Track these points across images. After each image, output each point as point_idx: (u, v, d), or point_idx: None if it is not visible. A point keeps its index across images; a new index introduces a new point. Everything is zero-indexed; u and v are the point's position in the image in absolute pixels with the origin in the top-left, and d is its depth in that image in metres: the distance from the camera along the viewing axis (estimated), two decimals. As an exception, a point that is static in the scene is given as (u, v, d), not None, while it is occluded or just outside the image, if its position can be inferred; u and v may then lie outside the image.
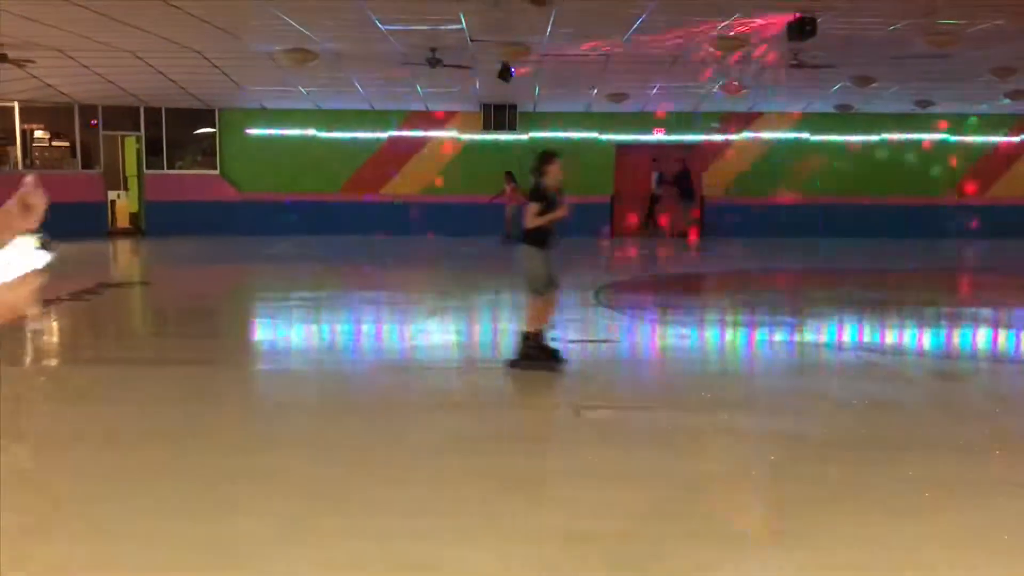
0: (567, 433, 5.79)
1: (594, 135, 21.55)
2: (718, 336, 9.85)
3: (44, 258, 1.51)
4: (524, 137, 21.28)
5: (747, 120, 21.70)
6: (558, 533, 4.06)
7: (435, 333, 9.52)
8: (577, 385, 7.23)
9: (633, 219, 21.87)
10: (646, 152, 21.83)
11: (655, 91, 19.01)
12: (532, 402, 6.69)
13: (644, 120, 21.40)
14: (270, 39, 14.22)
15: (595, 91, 18.90)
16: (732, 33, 13.10)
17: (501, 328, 10.15)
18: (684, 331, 9.99)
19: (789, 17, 11.76)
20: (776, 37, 13.03)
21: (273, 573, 3.68)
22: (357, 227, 20.96)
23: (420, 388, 7.16)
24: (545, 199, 7.44)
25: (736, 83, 17.37)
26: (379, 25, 12.93)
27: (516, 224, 18.41)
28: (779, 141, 21.94)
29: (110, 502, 4.42)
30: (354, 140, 21.46)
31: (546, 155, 7.74)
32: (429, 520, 4.21)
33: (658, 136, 21.71)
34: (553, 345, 7.66)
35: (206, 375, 7.45)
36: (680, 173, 21.22)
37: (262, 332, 10.14)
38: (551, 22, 12.66)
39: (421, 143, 21.61)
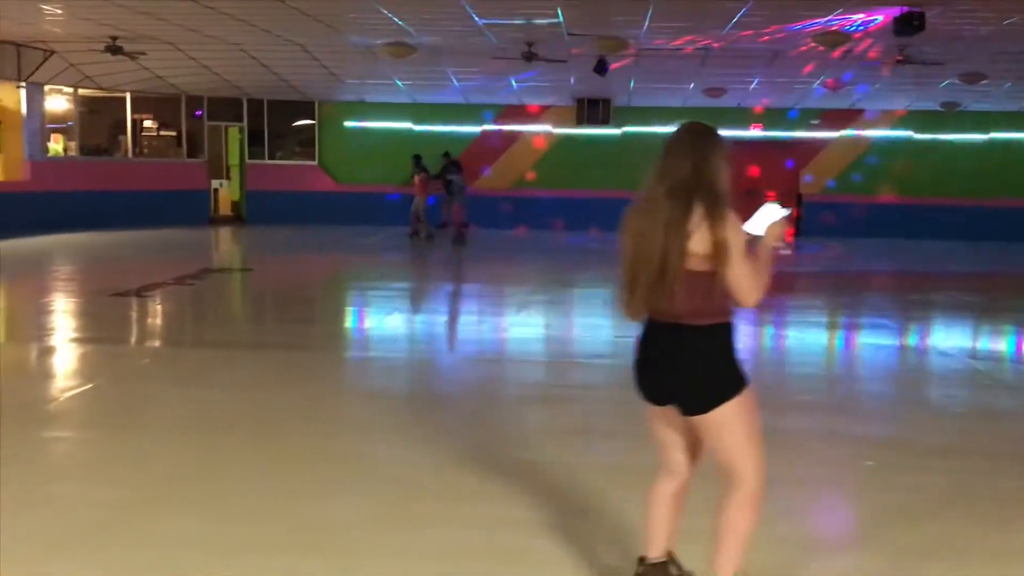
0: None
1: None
2: (815, 338, 9.63)
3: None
4: (617, 131, 21.18)
5: (848, 117, 21.12)
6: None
7: (522, 326, 9.56)
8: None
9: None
10: (744, 149, 21.44)
11: (754, 86, 18.67)
12: (624, 397, 6.65)
13: (742, 116, 21.04)
14: (369, 33, 14.48)
15: (692, 85, 18.66)
16: (835, 28, 12.77)
17: (590, 323, 10.14)
18: (779, 332, 9.81)
19: (896, 11, 11.41)
20: (882, 32, 12.65)
21: (366, 556, 3.76)
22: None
23: (511, 380, 7.21)
24: None
25: (838, 79, 16.93)
26: (476, 19, 13.03)
27: (429, 218, 18.21)
28: (881, 139, 21.29)
29: (213, 481, 4.58)
30: (448, 134, 21.67)
31: None
32: (519, 511, 4.24)
33: (756, 132, 21.30)
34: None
35: (302, 360, 7.64)
36: (451, 167, 19.67)
37: (356, 320, 10.35)
38: (649, 16, 12.55)
39: (514, 137, 21.69)
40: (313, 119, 21.62)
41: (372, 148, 21.59)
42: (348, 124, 21.64)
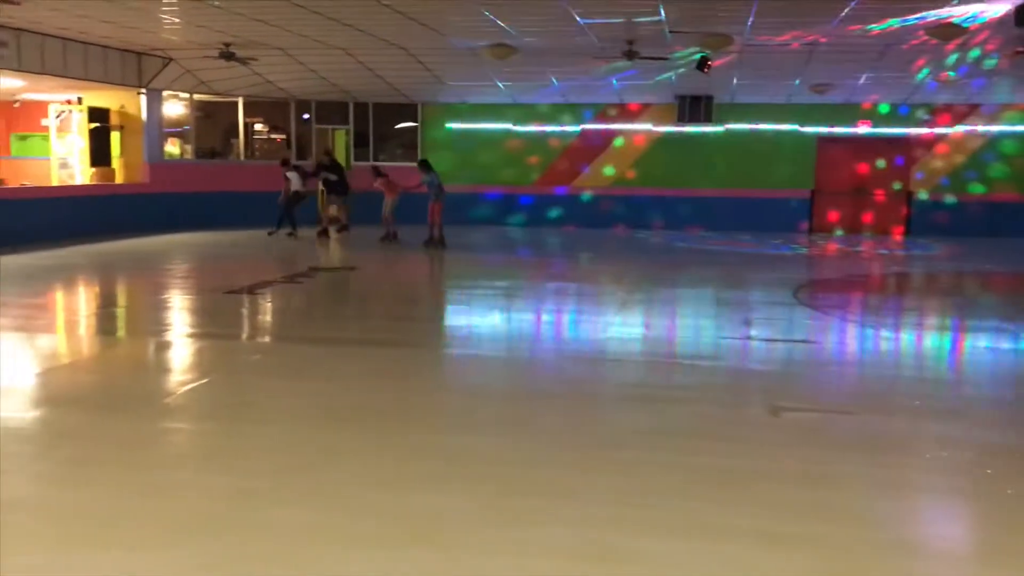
0: (763, 433, 5.67)
1: (794, 127, 20.82)
2: (927, 340, 9.32)
3: None
4: (720, 129, 20.88)
5: (964, 112, 20.31)
6: (751, 533, 4.00)
7: (623, 326, 9.52)
8: (774, 385, 7.06)
9: (835, 216, 20.98)
10: (850, 145, 20.87)
11: (862, 81, 18.14)
12: (726, 399, 6.58)
13: (849, 112, 20.48)
14: (472, 35, 14.64)
15: (797, 82, 18.26)
16: (949, 20, 12.31)
17: (693, 324, 10.04)
18: (889, 333, 9.53)
19: (1018, 0, 10.93)
20: (1001, 23, 12.14)
21: (472, 551, 3.82)
22: (548, 219, 21.29)
23: (610, 379, 7.21)
24: None
25: (952, 73, 16.30)
26: (578, 19, 13.04)
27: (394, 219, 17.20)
28: (999, 134, 20.40)
29: (323, 472, 4.73)
30: (547, 133, 21.74)
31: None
32: (620, 510, 4.25)
33: (864, 129, 20.69)
34: None
35: (405, 356, 7.80)
36: (326, 165, 18.54)
37: (457, 318, 10.49)
38: (754, 12, 12.34)
39: (613, 136, 21.61)
40: (416, 121, 21.99)
41: (473, 148, 21.83)
42: (450, 125, 21.92)
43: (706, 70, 15.36)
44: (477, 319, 10.10)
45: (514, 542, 3.90)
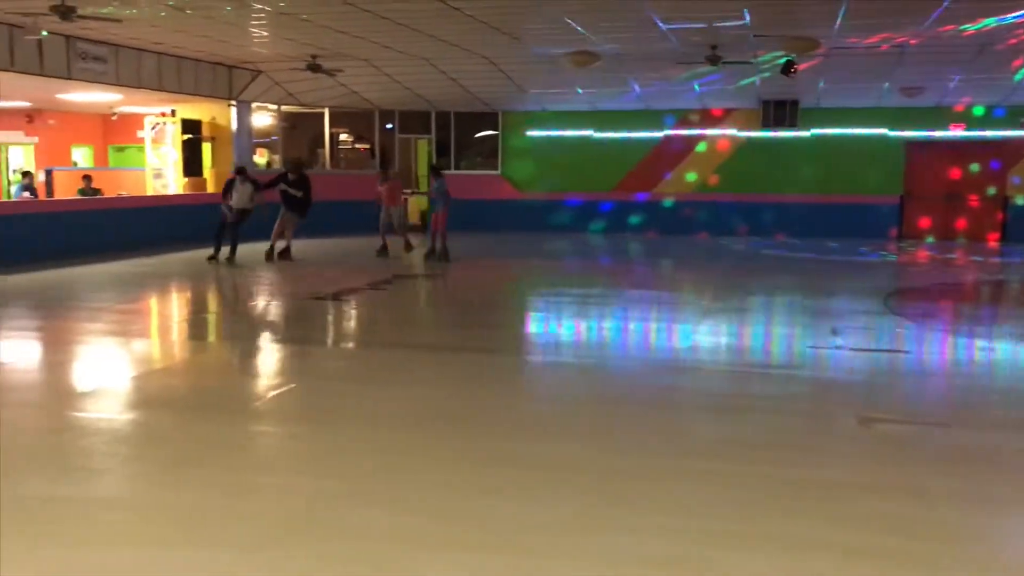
0: (853, 445, 5.53)
1: (882, 131, 20.29)
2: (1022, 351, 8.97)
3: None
4: (805, 134, 20.48)
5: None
6: (842, 547, 3.91)
7: (707, 334, 9.41)
8: (864, 396, 6.89)
9: (926, 222, 20.36)
10: (942, 149, 20.22)
11: (955, 83, 17.58)
12: (812, 410, 6.44)
13: (940, 115, 19.85)
14: (553, 43, 14.67)
15: (886, 85, 17.80)
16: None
17: (778, 332, 9.86)
18: (984, 343, 9.20)
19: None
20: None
21: (557, 559, 3.81)
22: (629, 226, 21.18)
23: (695, 388, 7.12)
24: None
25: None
26: (660, 24, 12.95)
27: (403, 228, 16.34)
28: (1105, 136, 19.51)
29: (408, 476, 4.78)
30: (628, 140, 21.63)
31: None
32: (709, 521, 4.19)
33: (957, 132, 20.02)
34: None
35: (489, 363, 7.85)
36: (291, 180, 15.48)
37: (537, 325, 10.50)
38: (842, 14, 12.08)
39: (696, 141, 21.38)
40: (496, 129, 22.12)
41: (553, 156, 21.86)
42: (530, 133, 22.00)
43: (792, 74, 15.09)
44: (558, 326, 10.10)
45: (602, 551, 3.87)
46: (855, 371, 7.73)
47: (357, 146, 22.15)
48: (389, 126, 21.73)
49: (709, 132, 21.25)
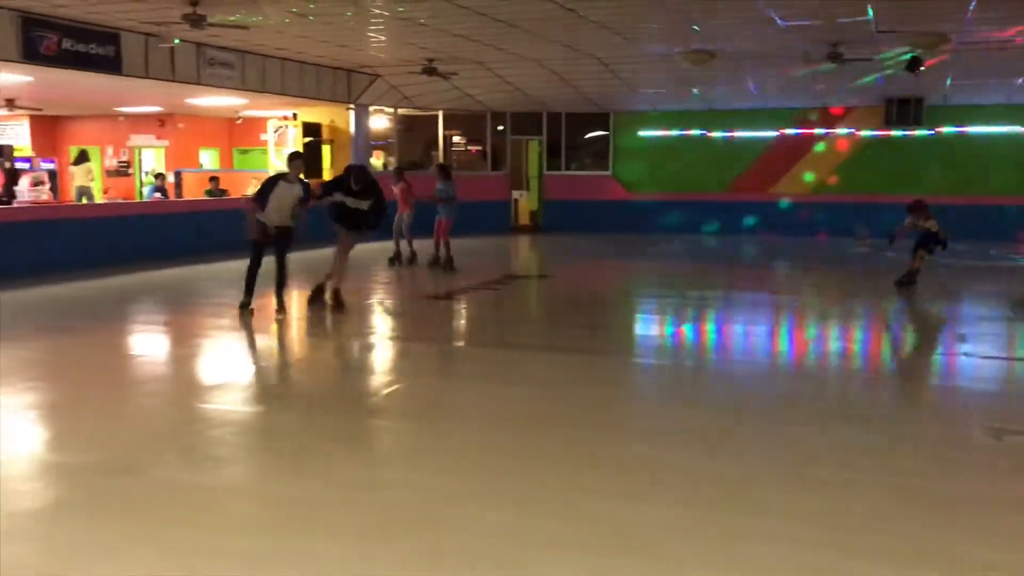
0: (983, 456, 5.29)
1: (1015, 129, 19.32)
2: None
3: None
4: (931, 132, 19.68)
5: None
6: (973, 562, 3.75)
7: (826, 339, 9.15)
8: (994, 406, 6.57)
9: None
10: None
11: (1098, 77, 16.61)
12: (940, 419, 6.20)
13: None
14: (668, 42, 14.53)
15: (1020, 81, 16.94)
16: None
17: (901, 338, 9.52)
18: None
19: None
20: None
21: (675, 564, 3.78)
22: (743, 227, 20.77)
23: (813, 395, 6.94)
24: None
25: None
26: (779, 22, 12.67)
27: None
28: None
29: (522, 475, 4.82)
30: (744, 139, 21.24)
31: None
32: (831, 532, 4.07)
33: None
34: None
35: (597, 364, 7.83)
36: (355, 189, 10.33)
37: (650, 327, 10.41)
38: (972, 7, 11.57)
39: (814, 140, 20.82)
40: (607, 130, 22.04)
41: (665, 156, 21.64)
42: (642, 133, 21.83)
43: (918, 71, 14.53)
44: (670, 329, 9.99)
45: (718, 558, 3.82)
46: (984, 380, 7.39)
47: (469, 148, 22.43)
48: (500, 128, 21.92)
49: (828, 131, 20.67)
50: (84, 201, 18.25)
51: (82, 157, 19.97)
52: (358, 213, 10.29)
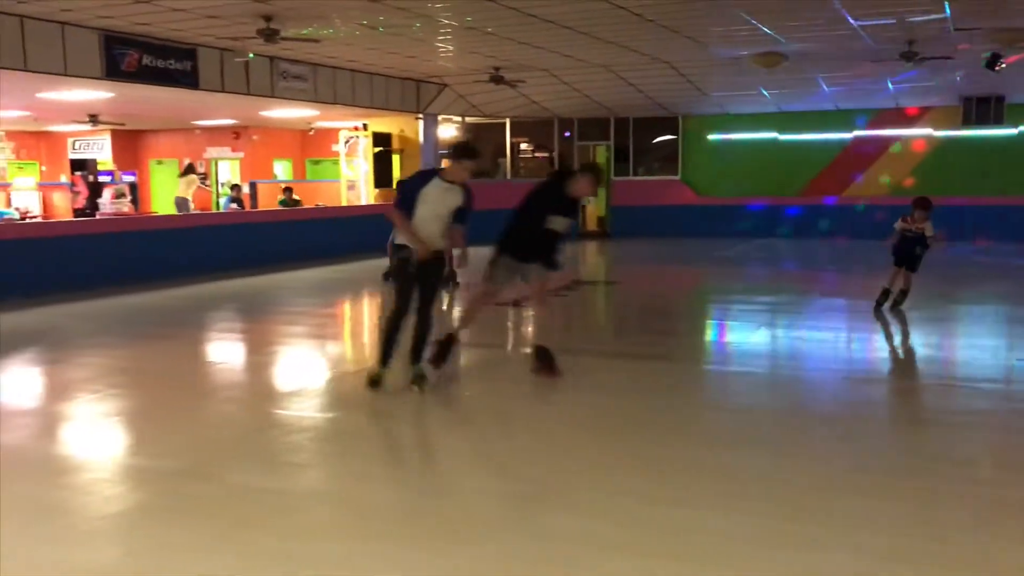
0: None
1: (1105, 126, 18.63)
2: None
3: None
4: (1012, 131, 19.08)
5: None
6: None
7: (903, 344, 8.93)
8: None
9: None
10: None
11: None
12: (1020, 427, 6.00)
13: None
14: (737, 44, 14.38)
15: (1108, 75, 16.31)
16: None
17: (981, 343, 9.24)
18: None
19: None
20: None
21: (746, 572, 3.75)
22: (817, 231, 20.38)
23: (889, 402, 6.79)
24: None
25: None
26: (851, 21, 12.44)
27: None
28: None
29: (594, 481, 4.81)
30: (816, 142, 20.88)
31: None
32: (908, 541, 3.99)
33: None
34: None
35: (669, 371, 7.77)
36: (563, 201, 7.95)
37: (718, 332, 10.30)
38: (1056, 1, 11.20)
39: (889, 142, 20.36)
40: (676, 134, 21.88)
41: (735, 160, 21.40)
42: (711, 137, 21.62)
43: (997, 68, 14.11)
44: (742, 335, 9.87)
45: (790, 568, 3.76)
46: (1074, 387, 7.14)
47: (537, 155, 22.49)
48: (567, 134, 21.93)
49: (904, 132, 20.19)
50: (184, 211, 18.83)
51: (188, 169, 20.68)
52: (547, 239, 7.29)
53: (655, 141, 22.22)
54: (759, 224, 20.83)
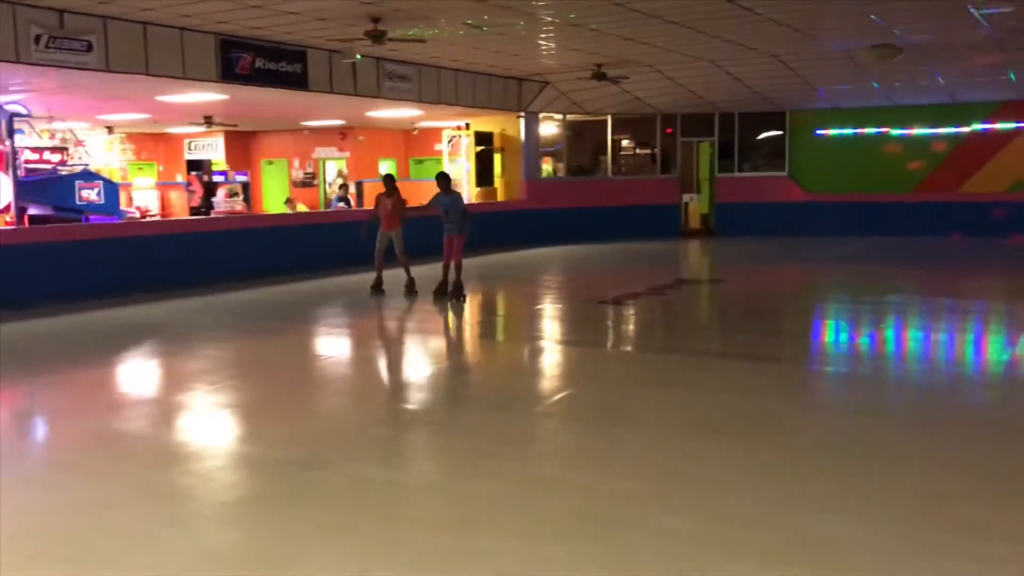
0: None
1: None
2: None
3: None
4: None
5: None
6: None
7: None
8: None
9: None
10: None
11: None
12: None
13: None
14: (850, 37, 13.98)
15: None
16: None
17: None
18: None
19: None
20: None
21: (861, 576, 3.65)
22: (931, 229, 19.60)
23: (1007, 405, 6.49)
24: None
25: None
26: (971, 10, 11.95)
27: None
28: None
29: (703, 481, 4.75)
30: (931, 136, 20.11)
31: None
32: (1035, 551, 3.82)
33: None
34: None
35: (774, 371, 7.60)
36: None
37: (827, 333, 10.02)
38: None
39: (1011, 135, 19.44)
40: (782, 129, 21.39)
41: (844, 155, 20.79)
42: (821, 132, 21.06)
43: None
44: (851, 335, 9.58)
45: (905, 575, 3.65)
46: None
47: (638, 151, 22.31)
48: (670, 130, 21.67)
49: (1026, 125, 19.27)
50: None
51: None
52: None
53: (761, 137, 21.78)
54: (869, 221, 20.17)
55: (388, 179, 12.82)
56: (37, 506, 4.54)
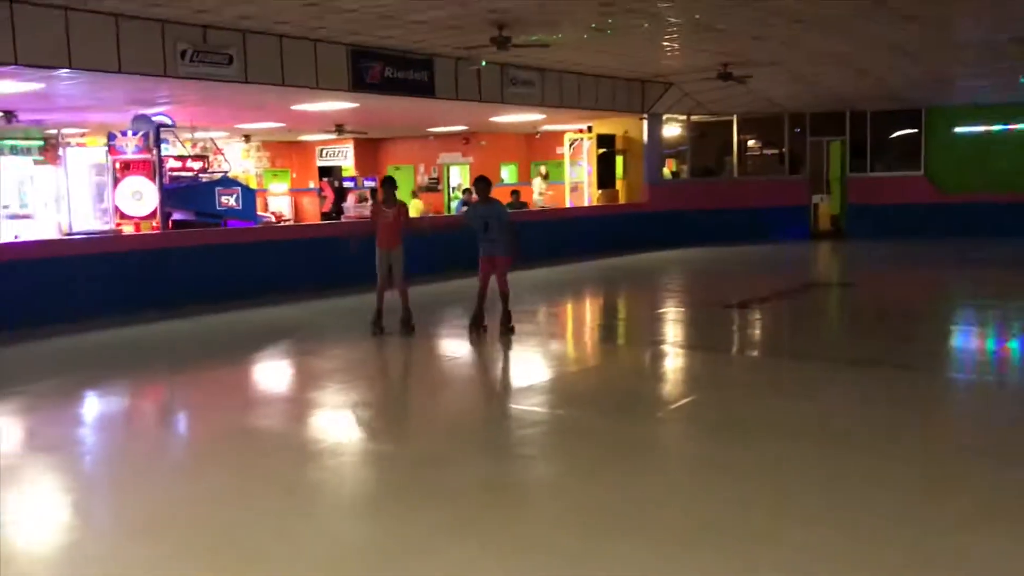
0: None
1: None
2: None
3: None
4: None
5: None
6: None
7: None
8: None
9: None
10: None
11: None
12: None
13: None
14: (993, 28, 13.32)
15: None
16: None
17: None
18: None
19: None
20: None
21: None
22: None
23: None
24: None
25: None
26: None
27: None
28: None
29: (838, 494, 4.64)
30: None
31: None
32: None
33: None
34: None
35: (907, 379, 7.33)
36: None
37: (965, 340, 9.56)
38: None
39: None
40: (917, 127, 20.52)
41: (987, 154, 19.78)
42: (959, 129, 20.11)
43: None
44: (990, 342, 9.13)
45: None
46: None
47: (765, 152, 21.82)
48: (798, 129, 21.11)
49: None
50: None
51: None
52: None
53: (895, 135, 20.96)
54: (1013, 224, 19.09)
55: (388, 183, 9.73)
56: (183, 496, 4.82)
